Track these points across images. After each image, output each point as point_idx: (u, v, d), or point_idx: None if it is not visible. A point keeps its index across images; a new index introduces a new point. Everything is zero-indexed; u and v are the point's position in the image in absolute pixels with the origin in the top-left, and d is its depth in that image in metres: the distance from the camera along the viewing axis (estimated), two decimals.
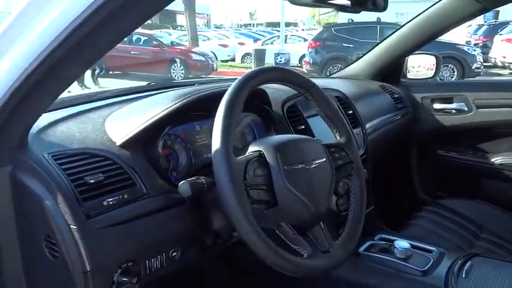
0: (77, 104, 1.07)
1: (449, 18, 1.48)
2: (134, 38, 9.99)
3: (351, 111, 1.35)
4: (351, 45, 8.68)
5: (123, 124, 0.85)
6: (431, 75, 1.83)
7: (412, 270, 1.01)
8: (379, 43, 1.73)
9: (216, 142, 0.67)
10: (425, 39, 1.61)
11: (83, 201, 0.68)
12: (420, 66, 1.86)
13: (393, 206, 1.66)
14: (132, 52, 9.24)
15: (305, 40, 11.90)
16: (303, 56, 10.40)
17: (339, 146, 0.88)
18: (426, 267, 1.01)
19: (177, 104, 0.82)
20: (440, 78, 4.21)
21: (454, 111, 1.67)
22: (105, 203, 0.70)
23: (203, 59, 9.60)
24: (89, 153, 0.75)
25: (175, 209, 0.80)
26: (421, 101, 1.74)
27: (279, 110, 1.09)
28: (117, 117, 0.89)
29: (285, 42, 12.60)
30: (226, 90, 0.73)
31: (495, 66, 9.28)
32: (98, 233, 0.68)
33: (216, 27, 26.87)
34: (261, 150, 0.73)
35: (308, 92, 0.85)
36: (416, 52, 1.74)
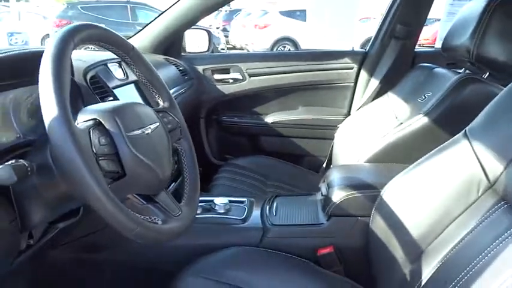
0: None
1: None
2: None
3: None
4: (103, 25, 8.23)
5: None
6: (205, 50, 1.98)
7: (234, 221, 1.11)
8: (157, 17, 1.73)
9: (49, 108, 0.55)
10: (199, 14, 1.70)
11: None
12: (196, 41, 1.97)
13: None
14: None
15: (45, 18, 10.53)
16: (47, 35, 9.22)
17: (165, 110, 0.86)
18: (244, 215, 1.14)
19: None
20: None
21: (231, 80, 1.88)
22: None
23: None
24: None
25: None
26: (203, 72, 1.86)
27: (82, 81, 0.96)
28: None
29: (19, 19, 10.81)
30: (38, 50, 0.60)
31: (234, 48, 10.71)
32: None
33: None
34: (96, 118, 0.64)
35: (128, 55, 0.79)
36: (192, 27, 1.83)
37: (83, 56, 1.07)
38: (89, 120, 0.64)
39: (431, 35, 7.70)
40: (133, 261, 1.06)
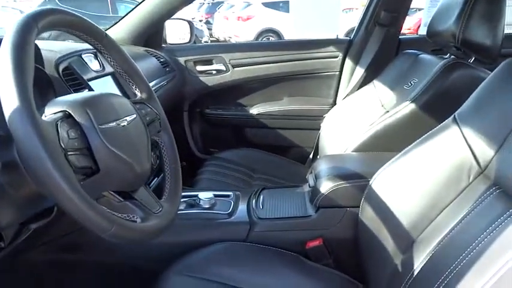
0: None
1: None
2: None
3: None
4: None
5: None
6: (187, 41, 1.93)
7: (220, 216, 1.08)
8: (136, 6, 1.66)
9: (9, 100, 0.50)
10: (179, 3, 1.65)
11: None
12: (177, 32, 1.92)
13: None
14: None
15: (22, 13, 10.23)
16: None
17: (143, 102, 0.81)
18: (230, 210, 1.10)
19: None
20: None
21: (214, 71, 1.83)
22: None
23: None
24: None
25: None
26: (185, 64, 1.81)
27: (53, 73, 0.91)
28: None
29: None
30: None
31: (218, 40, 10.59)
32: None
33: None
34: (66, 110, 0.59)
35: (100, 43, 0.74)
36: (172, 18, 1.77)
37: (55, 47, 1.01)
38: (58, 112, 0.59)
39: (414, 25, 7.74)
40: (115, 261, 1.02)
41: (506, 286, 0.59)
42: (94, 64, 1.09)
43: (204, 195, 1.10)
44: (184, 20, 1.92)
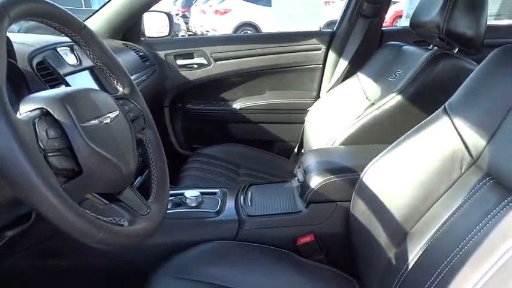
0: None
1: None
2: None
3: None
4: None
5: None
6: (166, 34, 1.87)
7: (208, 214, 1.04)
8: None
9: None
10: None
11: None
12: (156, 25, 1.86)
13: None
14: None
15: None
16: None
17: (125, 97, 0.77)
18: (217, 208, 1.07)
19: None
20: None
21: (195, 65, 1.78)
22: None
23: None
24: None
25: None
26: (165, 58, 1.76)
27: (27, 67, 0.85)
28: None
29: None
30: None
31: (195, 35, 10.44)
32: None
33: None
34: (43, 107, 0.55)
35: (79, 34, 0.69)
36: (150, 10, 1.71)
37: (29, 40, 0.95)
38: (34, 110, 0.54)
39: (389, 18, 7.83)
40: (100, 265, 0.98)
41: (505, 277, 0.59)
42: (70, 58, 1.03)
43: (190, 193, 1.07)
44: (163, 12, 1.86)
